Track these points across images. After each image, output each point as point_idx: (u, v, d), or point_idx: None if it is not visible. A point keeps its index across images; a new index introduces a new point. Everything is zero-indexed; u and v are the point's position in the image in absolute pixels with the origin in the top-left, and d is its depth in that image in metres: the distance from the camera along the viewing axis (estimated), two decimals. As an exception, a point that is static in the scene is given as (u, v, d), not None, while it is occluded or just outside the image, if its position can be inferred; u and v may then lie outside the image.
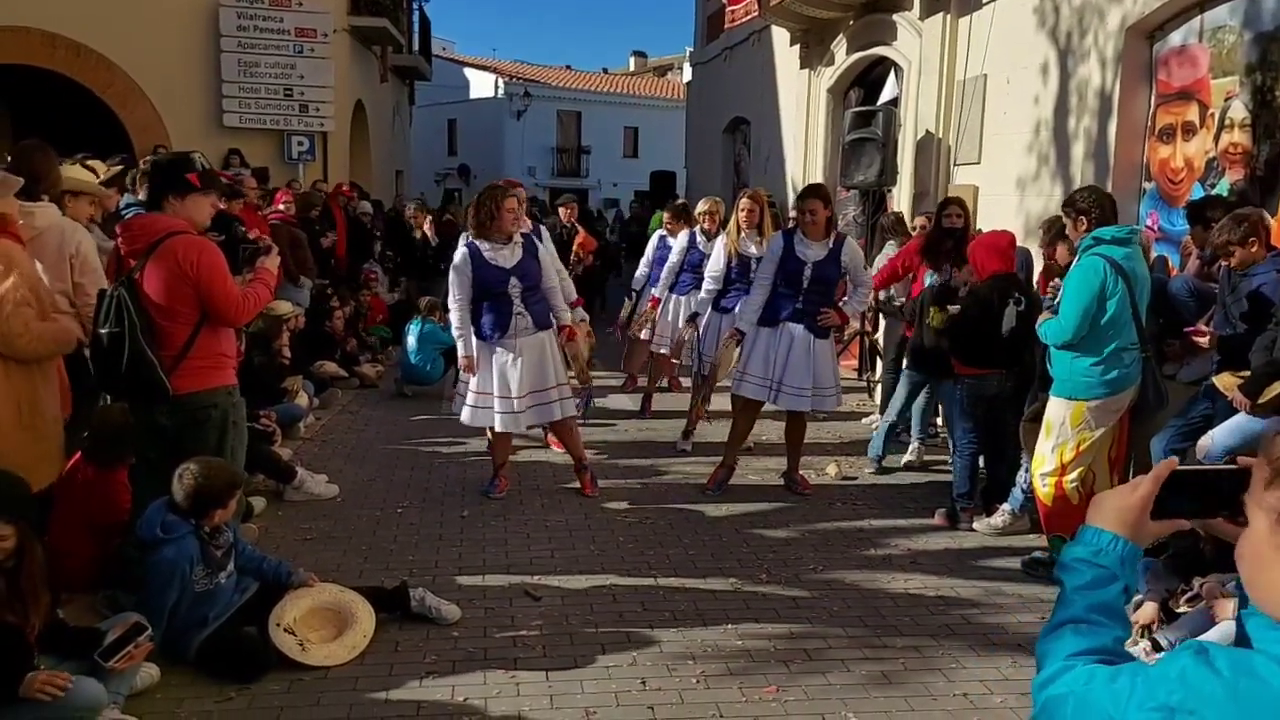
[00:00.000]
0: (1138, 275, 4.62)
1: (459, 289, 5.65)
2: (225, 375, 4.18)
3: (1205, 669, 1.08)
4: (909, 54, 9.20)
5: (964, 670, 3.92)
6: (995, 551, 5.26)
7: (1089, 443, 4.71)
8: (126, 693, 3.42)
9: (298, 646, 3.81)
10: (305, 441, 7.08)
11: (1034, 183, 7.27)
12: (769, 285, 5.92)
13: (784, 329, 5.89)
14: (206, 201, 4.15)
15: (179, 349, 3.96)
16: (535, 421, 5.96)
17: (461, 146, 36.08)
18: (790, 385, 5.87)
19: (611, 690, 3.69)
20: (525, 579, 4.72)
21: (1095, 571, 1.37)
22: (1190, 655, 1.11)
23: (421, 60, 21.91)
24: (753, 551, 5.17)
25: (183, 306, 3.97)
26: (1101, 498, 1.42)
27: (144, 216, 4.05)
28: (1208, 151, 5.83)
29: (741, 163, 15.32)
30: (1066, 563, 1.41)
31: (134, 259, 3.95)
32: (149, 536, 3.71)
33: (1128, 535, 1.36)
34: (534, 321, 5.70)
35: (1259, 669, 1.06)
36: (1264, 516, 1.16)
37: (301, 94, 14.29)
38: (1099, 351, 4.62)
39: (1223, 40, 5.73)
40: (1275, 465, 1.16)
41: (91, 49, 13.29)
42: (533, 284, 5.70)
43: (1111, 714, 1.14)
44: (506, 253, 5.65)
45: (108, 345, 3.85)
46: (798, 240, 5.90)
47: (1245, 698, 1.04)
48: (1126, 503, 1.37)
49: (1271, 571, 1.15)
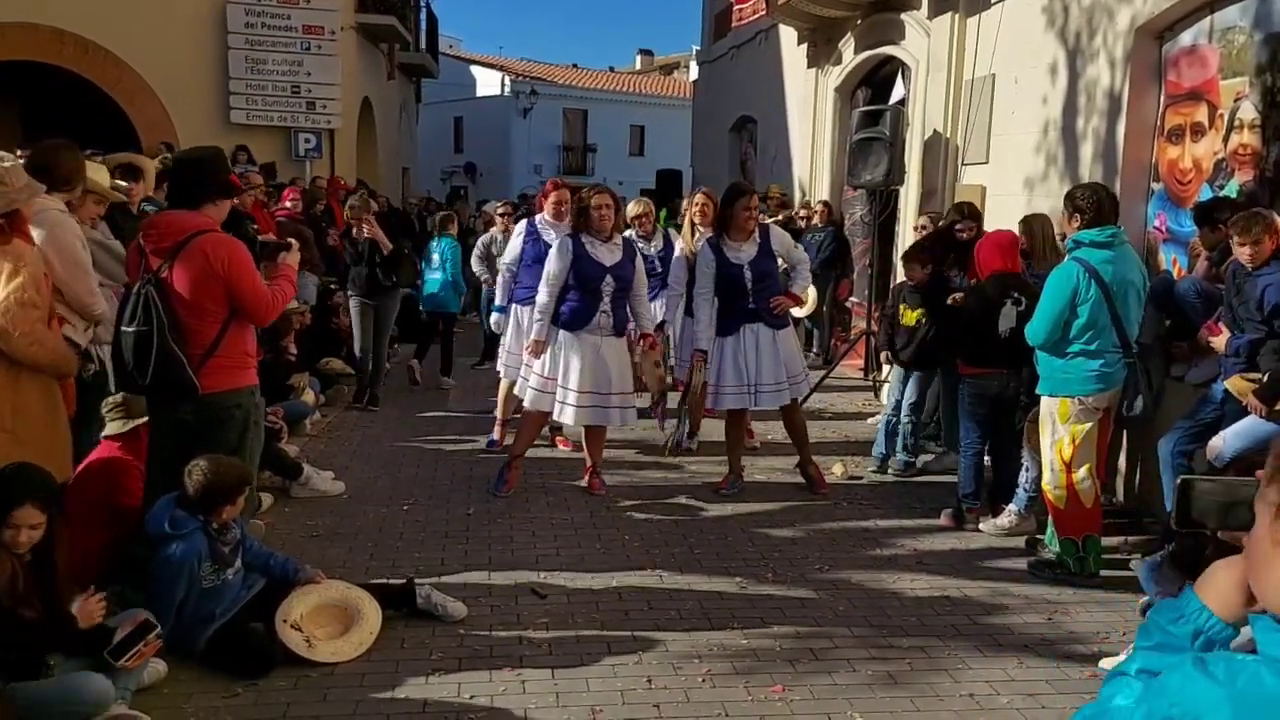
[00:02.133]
0: (1119, 279, 4.61)
1: (556, 272, 5.73)
2: (249, 375, 4.21)
3: (1203, 677, 1.09)
4: (917, 53, 9.19)
5: (970, 671, 3.91)
6: (1002, 552, 5.25)
7: (1083, 435, 4.73)
8: (134, 688, 3.43)
9: (304, 643, 3.82)
10: (311, 438, 7.10)
11: (1042, 183, 7.26)
12: (710, 298, 5.94)
13: (744, 332, 5.92)
14: (230, 202, 4.19)
15: (206, 347, 3.98)
16: (590, 422, 5.94)
17: (468, 144, 36.07)
18: (766, 384, 5.92)
19: (617, 689, 3.69)
20: (531, 577, 4.72)
21: (1164, 637, 1.30)
22: (1188, 664, 1.12)
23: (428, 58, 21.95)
24: (759, 551, 5.17)
25: (212, 304, 3.99)
26: (1219, 565, 1.31)
27: (171, 214, 4.04)
28: (1216, 152, 5.81)
29: (748, 162, 15.31)
30: (1149, 614, 1.34)
31: (160, 257, 3.94)
32: (157, 532, 3.74)
33: (1219, 611, 1.27)
34: (614, 324, 5.81)
35: (1257, 674, 1.07)
36: (1266, 511, 1.16)
37: (309, 91, 14.31)
38: (1074, 353, 4.68)
39: (1233, 41, 5.71)
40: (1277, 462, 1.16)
41: (100, 46, 13.32)
42: (625, 287, 5.81)
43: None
44: (605, 251, 5.77)
45: (134, 343, 3.85)
46: (725, 247, 5.90)
47: (1244, 703, 1.05)
48: (1236, 578, 1.25)
49: (1273, 568, 1.15)
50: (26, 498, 3.18)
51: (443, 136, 35.13)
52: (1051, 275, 4.79)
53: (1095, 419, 4.76)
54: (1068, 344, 4.71)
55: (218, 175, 4.13)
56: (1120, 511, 5.75)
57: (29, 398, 3.91)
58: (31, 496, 3.19)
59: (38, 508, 3.19)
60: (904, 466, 6.64)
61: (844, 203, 11.12)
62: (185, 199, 4.07)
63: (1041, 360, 4.88)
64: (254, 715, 3.46)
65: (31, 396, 3.92)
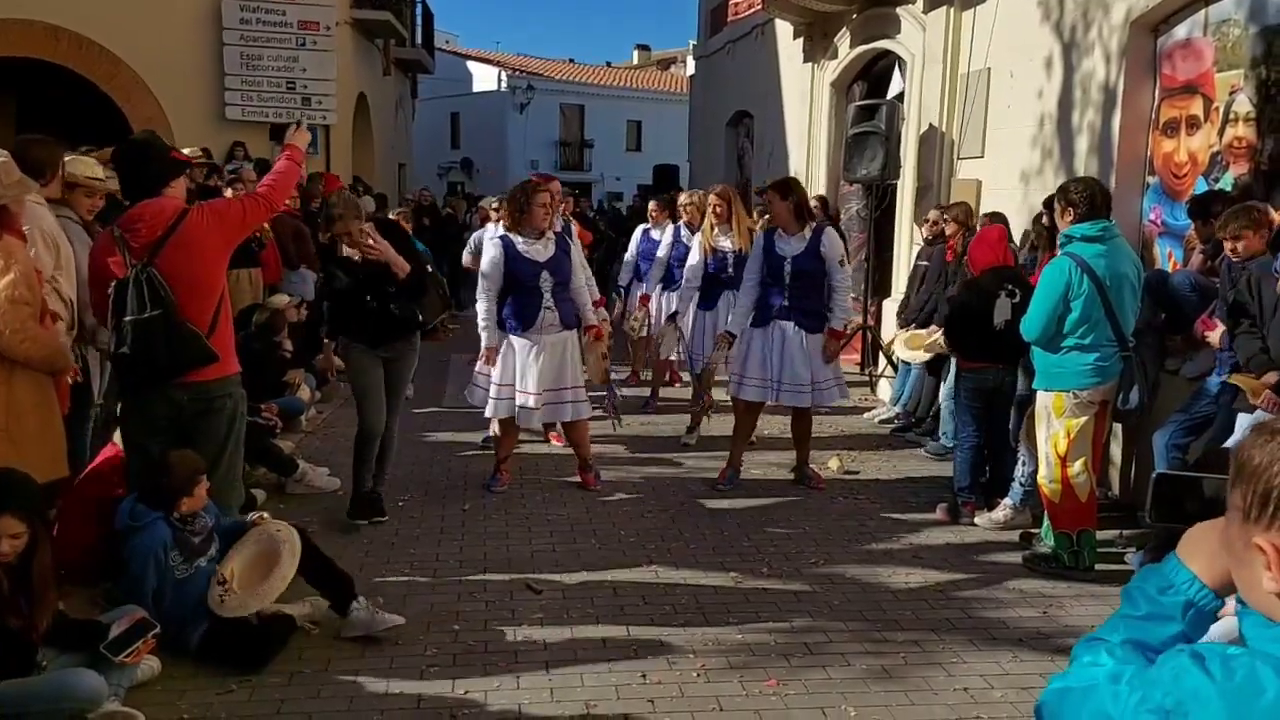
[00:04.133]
0: (1112, 273, 4.61)
1: (490, 279, 5.69)
2: (235, 364, 4.24)
3: (1198, 671, 1.08)
4: (912, 47, 9.18)
5: (964, 665, 3.91)
6: (997, 546, 5.25)
7: (1078, 429, 4.73)
8: (128, 685, 3.43)
9: (219, 600, 3.77)
10: (307, 434, 7.09)
11: (1037, 176, 7.25)
12: (756, 284, 5.96)
13: (775, 327, 5.92)
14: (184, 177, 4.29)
15: (204, 331, 3.99)
16: (548, 419, 5.98)
17: (464, 140, 36.01)
18: (790, 383, 5.89)
19: (612, 684, 3.69)
20: (526, 573, 4.72)
21: (1153, 607, 1.28)
22: (1185, 657, 1.11)
23: (424, 53, 21.89)
24: (754, 545, 5.17)
25: (213, 281, 4.06)
26: (1200, 530, 1.30)
27: (151, 204, 4.03)
28: (1212, 146, 5.80)
29: (745, 156, 15.29)
30: (1130, 588, 1.33)
31: (147, 248, 3.92)
32: (120, 526, 3.80)
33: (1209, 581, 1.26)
34: (561, 319, 5.75)
35: (1251, 671, 1.06)
36: (1235, 515, 1.16)
37: (304, 87, 14.25)
38: (1069, 347, 4.68)
39: (1227, 34, 5.70)
40: (1239, 461, 1.16)
41: (95, 42, 13.28)
42: (564, 280, 5.76)
43: (1110, 713, 1.14)
44: (539, 247, 5.70)
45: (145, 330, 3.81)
46: (777, 236, 5.93)
47: (1237, 700, 1.04)
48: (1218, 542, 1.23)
49: (1248, 568, 1.15)
50: (5, 508, 3.13)
51: (439, 132, 35.07)
52: (1045, 270, 4.80)
53: (1090, 413, 4.76)
54: (1062, 339, 4.71)
55: (165, 156, 4.15)
56: (1115, 505, 5.76)
57: (22, 395, 3.90)
58: (11, 506, 3.14)
59: (18, 517, 3.15)
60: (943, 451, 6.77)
61: (840, 197, 11.11)
62: (145, 187, 4.06)
63: (1037, 355, 4.88)
64: (248, 712, 3.46)
65: (24, 393, 3.91)
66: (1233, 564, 1.20)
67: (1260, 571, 1.12)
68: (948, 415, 6.70)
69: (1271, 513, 1.10)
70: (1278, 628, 1.11)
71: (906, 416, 7.69)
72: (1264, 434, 1.13)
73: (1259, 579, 1.12)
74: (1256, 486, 1.12)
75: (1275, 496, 1.10)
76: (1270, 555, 1.10)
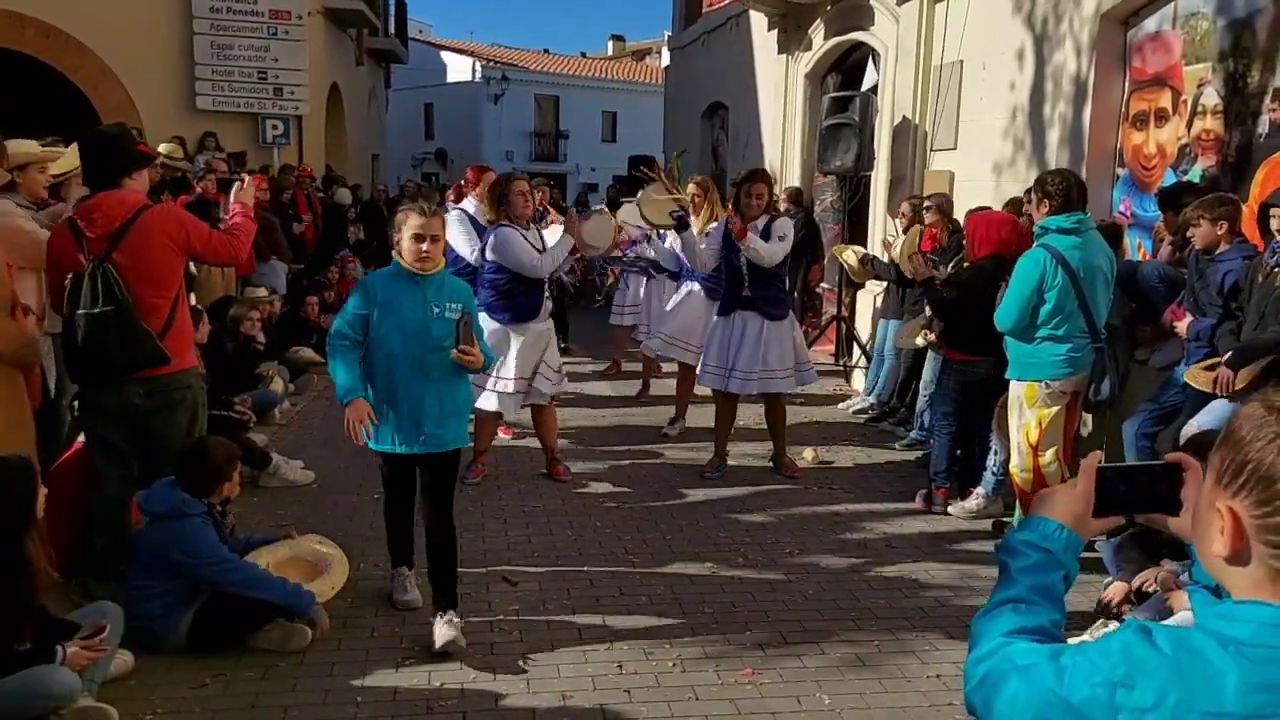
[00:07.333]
0: (1086, 265, 4.65)
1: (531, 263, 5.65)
2: (194, 356, 4.25)
3: (1147, 645, 1.12)
4: (886, 39, 9.21)
5: (938, 653, 3.95)
6: (969, 535, 5.30)
7: (1050, 419, 4.78)
8: (100, 680, 3.40)
9: None
10: (281, 427, 7.04)
11: (1010, 168, 7.30)
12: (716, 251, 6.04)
13: (736, 317, 6.01)
14: (147, 171, 4.24)
15: (159, 328, 3.97)
16: (525, 404, 6.00)
17: (439, 130, 35.82)
18: (739, 371, 5.97)
19: (588, 674, 3.70)
20: (503, 565, 4.72)
21: (1040, 555, 1.41)
22: (1133, 632, 1.15)
23: (398, 43, 21.78)
24: (730, 536, 5.20)
25: (170, 276, 4.03)
26: (1048, 492, 1.48)
27: (110, 195, 3.99)
28: (1180, 138, 5.87)
29: (720, 148, 15.29)
30: (1012, 545, 1.45)
31: (104, 240, 3.89)
32: (167, 509, 3.79)
33: (1071, 526, 1.41)
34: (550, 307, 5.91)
35: (1199, 645, 1.10)
36: (1210, 474, 1.20)
37: (276, 77, 14.14)
38: (1042, 338, 4.72)
39: (1196, 27, 5.76)
40: (1231, 425, 1.19)
41: (61, 30, 13.09)
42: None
43: (1055, 689, 1.17)
44: (534, 236, 5.77)
45: (97, 325, 3.79)
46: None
47: (1185, 673, 1.08)
48: (1070, 496, 1.43)
49: (1207, 527, 1.19)
50: None
51: (413, 123, 34.86)
52: (1019, 261, 4.82)
53: (1062, 403, 4.81)
54: (1035, 329, 4.74)
55: (129, 148, 4.11)
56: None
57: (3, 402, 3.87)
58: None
59: None
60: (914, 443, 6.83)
61: (814, 189, 11.14)
62: (105, 178, 4.02)
63: (1010, 345, 4.92)
64: (222, 705, 3.44)
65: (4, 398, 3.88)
66: (1195, 517, 1.25)
67: (1215, 534, 1.17)
68: (925, 405, 6.73)
69: (1241, 483, 1.14)
70: (1222, 605, 1.15)
71: (880, 406, 7.73)
72: (1263, 406, 1.16)
73: (1213, 540, 1.17)
74: (1236, 455, 1.16)
75: (1249, 470, 1.13)
76: (1227, 521, 1.15)
